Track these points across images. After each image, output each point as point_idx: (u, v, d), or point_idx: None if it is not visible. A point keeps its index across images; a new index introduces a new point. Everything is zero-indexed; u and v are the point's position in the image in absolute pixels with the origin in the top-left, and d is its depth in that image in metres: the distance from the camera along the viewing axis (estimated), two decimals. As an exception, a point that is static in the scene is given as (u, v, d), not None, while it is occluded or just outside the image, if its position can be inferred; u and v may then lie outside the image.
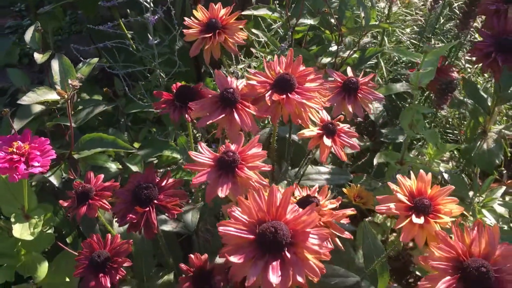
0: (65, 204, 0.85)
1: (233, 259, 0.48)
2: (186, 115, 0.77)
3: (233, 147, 0.61)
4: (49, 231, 0.95)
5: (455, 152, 1.41)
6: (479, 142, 1.18)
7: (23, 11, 2.73)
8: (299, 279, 0.47)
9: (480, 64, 0.99)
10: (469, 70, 1.39)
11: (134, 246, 0.95)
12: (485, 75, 1.40)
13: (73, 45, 1.14)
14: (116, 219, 0.76)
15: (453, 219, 0.56)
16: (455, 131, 1.47)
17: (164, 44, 1.29)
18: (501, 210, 1.14)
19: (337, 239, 0.68)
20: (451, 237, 0.55)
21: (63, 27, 2.59)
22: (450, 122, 1.45)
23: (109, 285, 0.78)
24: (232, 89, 0.65)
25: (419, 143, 1.37)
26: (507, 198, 1.27)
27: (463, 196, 1.17)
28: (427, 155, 1.20)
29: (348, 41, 1.25)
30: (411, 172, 0.61)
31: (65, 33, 2.55)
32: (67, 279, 1.06)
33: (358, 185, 1.07)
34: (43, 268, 0.97)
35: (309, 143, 0.70)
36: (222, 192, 0.57)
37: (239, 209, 0.51)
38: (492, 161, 1.14)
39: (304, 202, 0.67)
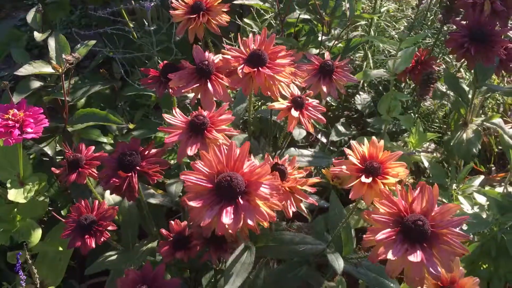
0: (57, 171, 0.91)
1: (193, 203, 0.53)
2: (170, 90, 0.83)
3: (205, 113, 0.67)
4: (44, 199, 1.02)
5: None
6: (459, 133, 1.23)
7: (35, 4, 2.82)
8: (250, 222, 0.52)
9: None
10: (457, 64, 1.44)
11: (121, 216, 1.01)
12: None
13: (74, 29, 1.20)
14: (101, 183, 0.82)
15: (397, 179, 0.61)
16: (443, 125, 1.51)
17: (162, 32, 1.35)
18: (482, 199, 1.17)
19: (302, 205, 0.74)
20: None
21: (73, 21, 2.67)
22: (439, 117, 1.50)
23: (93, 245, 0.85)
24: (207, 61, 0.71)
25: (405, 134, 1.42)
26: (487, 189, 1.30)
27: (443, 184, 1.21)
28: (409, 144, 1.25)
29: (338, 33, 1.30)
30: (365, 138, 0.67)
31: (75, 27, 2.63)
32: (60, 248, 1.13)
33: (337, 167, 1.12)
34: (37, 234, 1.03)
35: (279, 114, 0.76)
36: (191, 151, 0.63)
37: (202, 163, 0.57)
38: (469, 150, 1.18)
39: (271, 168, 0.72)
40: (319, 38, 1.19)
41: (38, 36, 0.96)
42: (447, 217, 0.57)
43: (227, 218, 0.52)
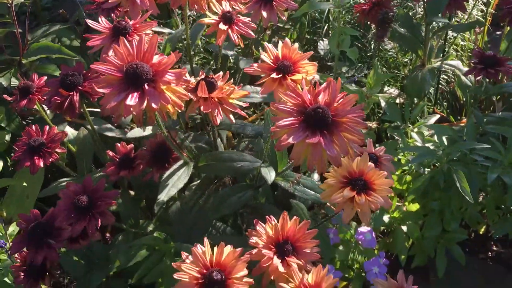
0: (9, 99, 0.95)
1: (103, 90, 0.57)
2: (112, 14, 0.86)
3: (131, 22, 0.70)
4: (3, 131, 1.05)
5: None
6: (415, 73, 1.25)
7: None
8: (154, 105, 0.56)
9: None
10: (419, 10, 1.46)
11: (76, 147, 1.04)
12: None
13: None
14: (45, 103, 0.86)
15: (304, 75, 0.64)
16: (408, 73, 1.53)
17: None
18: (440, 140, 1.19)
19: (231, 116, 0.77)
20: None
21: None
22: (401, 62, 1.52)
23: (42, 165, 0.88)
24: (135, -25, 0.74)
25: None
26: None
27: (398, 122, 1.24)
28: (366, 85, 1.27)
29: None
30: (280, 41, 0.69)
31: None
32: (25, 184, 1.17)
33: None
34: (-3, 165, 1.07)
35: (208, 29, 0.79)
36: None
37: (114, 56, 0.60)
38: (422, 87, 1.20)
39: (202, 80, 0.76)
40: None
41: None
42: (347, 107, 0.60)
43: (131, 101, 0.55)
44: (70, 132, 1.10)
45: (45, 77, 0.96)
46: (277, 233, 0.70)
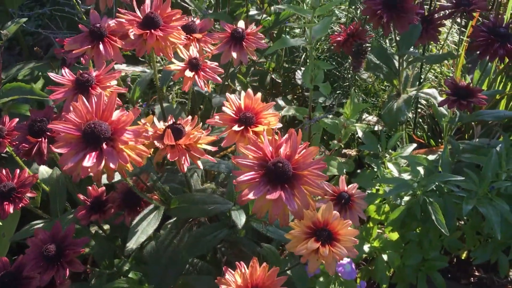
0: (-21, 142, 0.94)
1: (60, 150, 0.56)
2: (82, 59, 0.86)
3: (94, 73, 0.70)
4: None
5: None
6: (390, 102, 1.25)
7: None
8: (112, 165, 0.55)
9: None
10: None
11: (50, 187, 1.03)
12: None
13: (11, 10, 1.23)
14: (14, 149, 0.85)
15: (266, 127, 0.64)
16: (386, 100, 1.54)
17: (103, 13, 1.38)
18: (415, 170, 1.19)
19: (199, 162, 0.77)
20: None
21: (44, 13, 2.72)
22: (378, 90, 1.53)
23: (11, 211, 0.88)
24: (99, 24, 0.74)
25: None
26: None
27: (375, 152, 1.24)
28: (344, 115, 1.28)
29: (273, 9, 1.33)
30: (242, 91, 0.70)
31: (46, 19, 2.69)
32: (0, 223, 1.16)
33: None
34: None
35: (174, 75, 0.79)
36: (75, 107, 0.65)
37: (73, 113, 0.60)
38: (398, 117, 1.21)
39: (168, 127, 0.75)
40: (250, 13, 1.21)
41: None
42: (309, 159, 0.60)
43: (88, 162, 0.55)
44: (45, 170, 1.09)
45: (17, 119, 0.95)
46: (246, 281, 0.70)
